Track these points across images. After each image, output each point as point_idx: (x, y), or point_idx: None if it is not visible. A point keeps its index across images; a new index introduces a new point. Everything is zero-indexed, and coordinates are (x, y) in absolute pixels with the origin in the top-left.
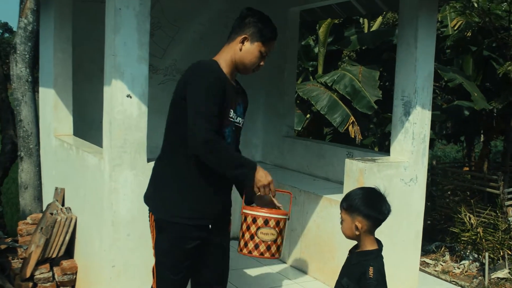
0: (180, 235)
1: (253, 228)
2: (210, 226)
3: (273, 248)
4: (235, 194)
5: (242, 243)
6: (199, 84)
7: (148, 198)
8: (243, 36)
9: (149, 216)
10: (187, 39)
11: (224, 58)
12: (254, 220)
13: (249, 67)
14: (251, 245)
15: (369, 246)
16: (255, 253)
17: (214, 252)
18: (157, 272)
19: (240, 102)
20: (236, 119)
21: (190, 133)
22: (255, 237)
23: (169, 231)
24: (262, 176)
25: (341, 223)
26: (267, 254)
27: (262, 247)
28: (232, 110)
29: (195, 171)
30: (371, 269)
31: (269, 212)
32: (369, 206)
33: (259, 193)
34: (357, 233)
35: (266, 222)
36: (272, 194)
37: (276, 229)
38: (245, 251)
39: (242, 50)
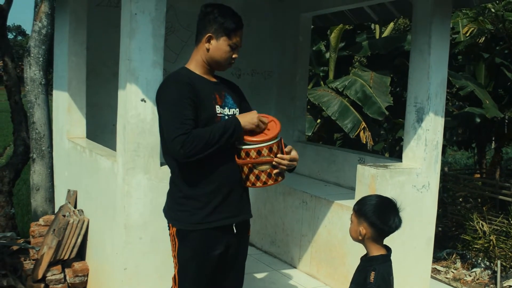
0: (203, 243)
1: (248, 162)
2: (234, 228)
3: (274, 174)
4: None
5: (243, 176)
6: (163, 102)
7: (166, 210)
8: (208, 35)
9: (168, 227)
10: None
11: (196, 60)
12: (247, 153)
13: (222, 63)
14: (252, 177)
15: (375, 252)
16: (259, 184)
17: (233, 261)
18: (179, 281)
19: (225, 94)
20: (229, 111)
21: (171, 151)
22: (254, 170)
23: (192, 240)
24: (248, 121)
25: (350, 223)
26: (270, 182)
27: (263, 177)
28: (218, 106)
29: (202, 176)
30: (372, 274)
31: (258, 142)
32: (377, 216)
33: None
34: (360, 237)
35: (259, 152)
36: (267, 123)
37: (271, 155)
38: (248, 184)
39: (210, 49)
